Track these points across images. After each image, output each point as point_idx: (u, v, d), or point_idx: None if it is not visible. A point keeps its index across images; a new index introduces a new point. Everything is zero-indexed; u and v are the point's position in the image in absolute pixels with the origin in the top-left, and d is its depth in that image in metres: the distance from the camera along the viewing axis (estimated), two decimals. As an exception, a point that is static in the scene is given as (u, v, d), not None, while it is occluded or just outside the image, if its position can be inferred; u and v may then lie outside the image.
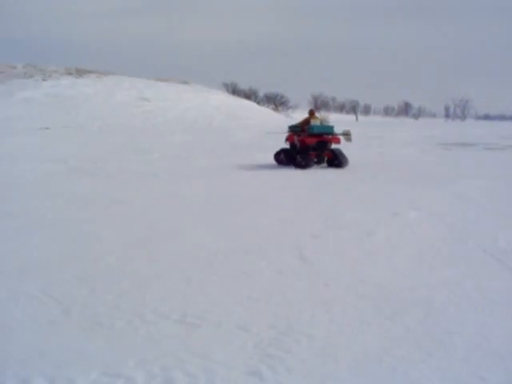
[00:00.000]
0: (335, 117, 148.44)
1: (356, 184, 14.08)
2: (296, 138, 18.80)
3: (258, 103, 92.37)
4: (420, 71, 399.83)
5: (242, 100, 75.56)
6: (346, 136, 19.17)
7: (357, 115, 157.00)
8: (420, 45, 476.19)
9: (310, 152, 18.35)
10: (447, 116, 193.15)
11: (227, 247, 7.54)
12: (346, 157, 18.38)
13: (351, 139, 19.62)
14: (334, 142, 18.61)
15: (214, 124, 50.61)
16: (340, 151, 18.49)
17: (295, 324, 4.92)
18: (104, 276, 6.25)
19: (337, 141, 18.65)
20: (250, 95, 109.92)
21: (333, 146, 18.65)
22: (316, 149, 18.42)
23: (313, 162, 18.40)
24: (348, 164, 18.28)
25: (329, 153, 18.57)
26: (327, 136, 18.57)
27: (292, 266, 6.68)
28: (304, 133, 18.66)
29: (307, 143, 18.30)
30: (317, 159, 18.62)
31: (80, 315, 5.12)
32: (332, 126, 19.14)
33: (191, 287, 5.91)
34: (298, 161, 18.18)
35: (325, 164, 18.75)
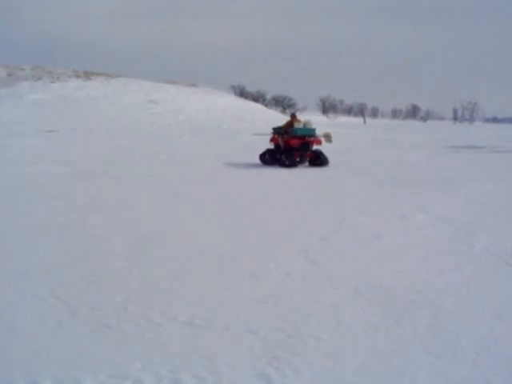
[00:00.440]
0: (343, 119, 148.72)
1: (363, 187, 14.06)
2: (280, 140, 20.00)
3: (266, 106, 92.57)
4: (428, 74, 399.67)
5: (250, 102, 75.60)
6: (327, 138, 20.45)
7: (365, 118, 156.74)
8: (428, 47, 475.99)
9: (294, 152, 19.59)
10: (455, 119, 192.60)
11: (235, 249, 7.54)
12: (327, 157, 19.73)
13: (331, 140, 20.85)
14: (316, 144, 19.96)
15: (222, 126, 50.60)
16: (321, 152, 19.88)
17: (303, 326, 4.91)
18: (112, 278, 6.26)
19: (318, 142, 19.98)
20: (258, 98, 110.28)
21: (314, 147, 20.00)
22: (299, 149, 19.69)
23: (297, 162, 19.59)
24: (328, 164, 19.58)
25: (311, 153, 19.92)
26: (309, 138, 19.85)
27: (300, 269, 6.67)
28: (288, 135, 19.87)
29: (291, 144, 19.53)
30: (299, 159, 19.85)
31: (88, 317, 5.13)
32: (314, 129, 20.27)
33: (199, 289, 5.91)
34: (283, 160, 19.37)
35: (307, 164, 19.95)
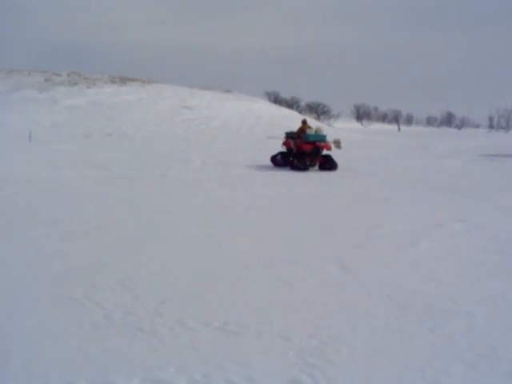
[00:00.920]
0: (377, 126, 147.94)
1: (398, 194, 13.96)
2: (293, 144, 21.23)
3: (300, 112, 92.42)
4: (464, 81, 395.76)
5: (284, 109, 75.55)
6: (336, 143, 22.37)
7: (399, 125, 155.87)
8: (465, 54, 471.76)
9: (306, 157, 20.71)
10: (491, 126, 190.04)
11: (268, 255, 7.55)
12: (336, 162, 20.73)
13: (341, 146, 23.10)
14: (326, 149, 21.18)
15: (256, 133, 50.63)
16: (331, 157, 20.96)
17: (337, 334, 4.90)
18: (147, 282, 6.31)
19: (328, 148, 21.26)
20: (292, 104, 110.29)
21: (324, 152, 21.17)
22: (310, 154, 20.79)
23: (308, 165, 20.67)
24: (337, 168, 20.54)
25: (321, 158, 21.05)
26: (320, 143, 21.02)
27: (334, 276, 6.65)
28: (299, 139, 21.08)
29: (303, 149, 20.71)
30: (310, 163, 20.90)
31: (122, 320, 5.17)
32: (325, 135, 21.53)
33: (233, 295, 5.92)
34: (295, 164, 20.68)
35: (316, 167, 21.03)
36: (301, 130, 21.67)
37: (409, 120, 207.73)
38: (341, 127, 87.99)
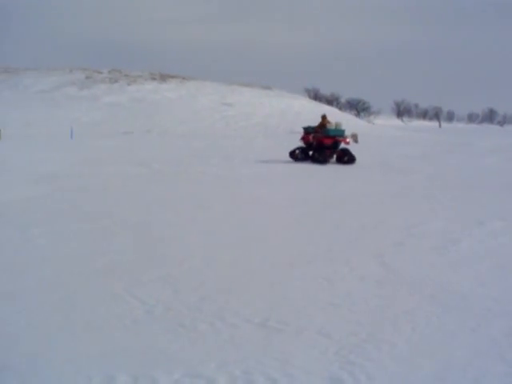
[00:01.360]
0: (417, 123, 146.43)
1: (438, 191, 13.81)
2: (312, 138, 22.14)
3: (340, 109, 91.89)
4: (506, 76, 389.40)
5: (324, 106, 75.19)
6: (354, 138, 24.03)
7: (440, 122, 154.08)
8: (506, 50, 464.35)
9: (326, 150, 21.73)
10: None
11: (310, 252, 7.55)
12: (354, 155, 21.53)
13: (357, 141, 25.14)
14: (345, 143, 22.39)
15: (296, 129, 50.50)
16: (348, 150, 21.87)
17: (377, 332, 4.88)
18: (187, 278, 6.36)
19: (346, 142, 22.54)
20: (332, 101, 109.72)
21: (342, 146, 22.21)
22: (330, 148, 21.83)
23: (328, 158, 21.63)
24: (355, 161, 21.29)
25: (339, 151, 21.98)
26: (339, 138, 22.14)
27: (375, 274, 6.62)
28: (318, 134, 22.07)
29: (324, 143, 21.78)
30: (328, 156, 21.91)
31: (163, 316, 5.22)
32: (343, 130, 22.65)
33: (273, 292, 5.94)
34: (316, 157, 21.68)
35: (334, 160, 21.96)
36: (321, 125, 22.67)
37: (450, 117, 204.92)
38: (381, 124, 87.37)
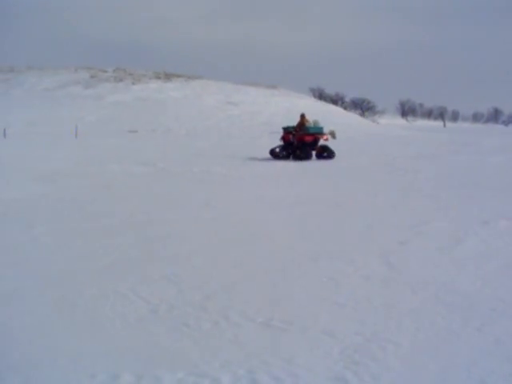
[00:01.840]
0: (422, 123, 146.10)
1: (443, 191, 13.77)
2: (292, 137, 23.36)
3: (345, 108, 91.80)
4: (511, 76, 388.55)
5: (329, 105, 75.17)
6: (332, 134, 27.29)
7: (444, 121, 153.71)
8: (510, 49, 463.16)
9: (307, 147, 23.13)
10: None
11: (314, 251, 7.54)
12: (333, 150, 23.35)
13: (335, 137, 28.80)
14: (324, 139, 24.07)
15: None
16: (327, 146, 23.69)
17: (381, 331, 4.86)
18: (191, 277, 6.35)
19: (325, 138, 24.42)
20: (337, 100, 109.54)
21: (321, 143, 23.77)
22: (310, 145, 23.31)
23: (310, 155, 23.00)
24: (334, 156, 23.09)
25: (319, 147, 23.55)
26: (318, 135, 23.86)
27: (379, 273, 6.61)
28: (298, 132, 23.39)
29: (306, 140, 23.18)
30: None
31: (167, 315, 5.22)
32: (322, 127, 25.30)
33: (277, 291, 5.93)
34: (298, 154, 22.81)
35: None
36: (300, 124, 24.07)
37: (455, 116, 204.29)
38: (386, 123, 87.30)
